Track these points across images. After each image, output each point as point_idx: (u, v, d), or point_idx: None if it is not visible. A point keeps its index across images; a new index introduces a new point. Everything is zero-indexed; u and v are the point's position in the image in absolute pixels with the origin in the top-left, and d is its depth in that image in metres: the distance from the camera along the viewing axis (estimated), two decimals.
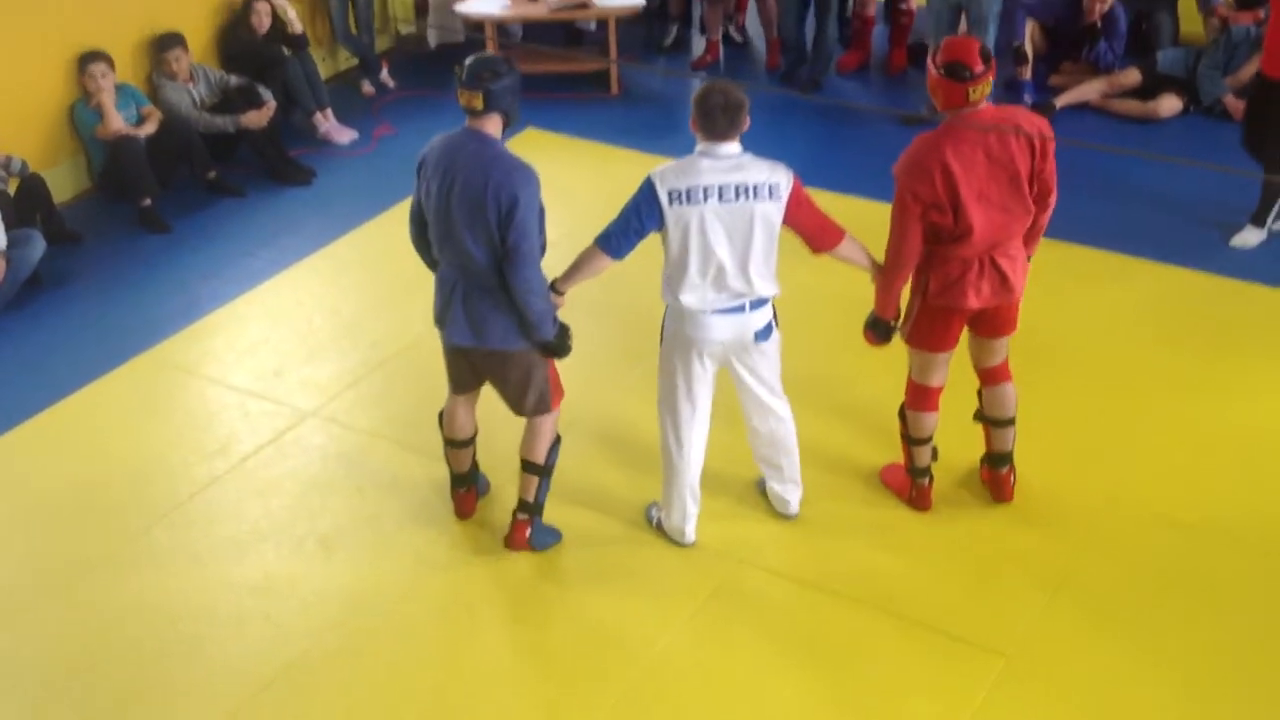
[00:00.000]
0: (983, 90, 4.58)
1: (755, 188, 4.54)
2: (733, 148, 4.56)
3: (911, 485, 5.31)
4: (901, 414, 5.19)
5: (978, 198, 4.61)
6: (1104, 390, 5.96)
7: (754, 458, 5.24)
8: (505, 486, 5.38)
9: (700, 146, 4.58)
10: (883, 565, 5.07)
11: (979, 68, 4.54)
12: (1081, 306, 6.55)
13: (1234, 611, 4.80)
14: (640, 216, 4.59)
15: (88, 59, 7.60)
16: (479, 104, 4.52)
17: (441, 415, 5.20)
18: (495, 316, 4.69)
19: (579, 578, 5.09)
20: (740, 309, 4.70)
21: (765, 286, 4.70)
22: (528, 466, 5.09)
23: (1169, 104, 8.46)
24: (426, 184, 4.63)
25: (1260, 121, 6.90)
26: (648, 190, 4.57)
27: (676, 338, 4.80)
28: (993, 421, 5.24)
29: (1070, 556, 5.06)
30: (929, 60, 4.68)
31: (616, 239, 4.64)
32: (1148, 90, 8.54)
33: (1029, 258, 4.93)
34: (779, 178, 4.58)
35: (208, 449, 5.83)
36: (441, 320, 4.84)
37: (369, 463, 5.72)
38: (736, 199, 4.53)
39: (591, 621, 4.88)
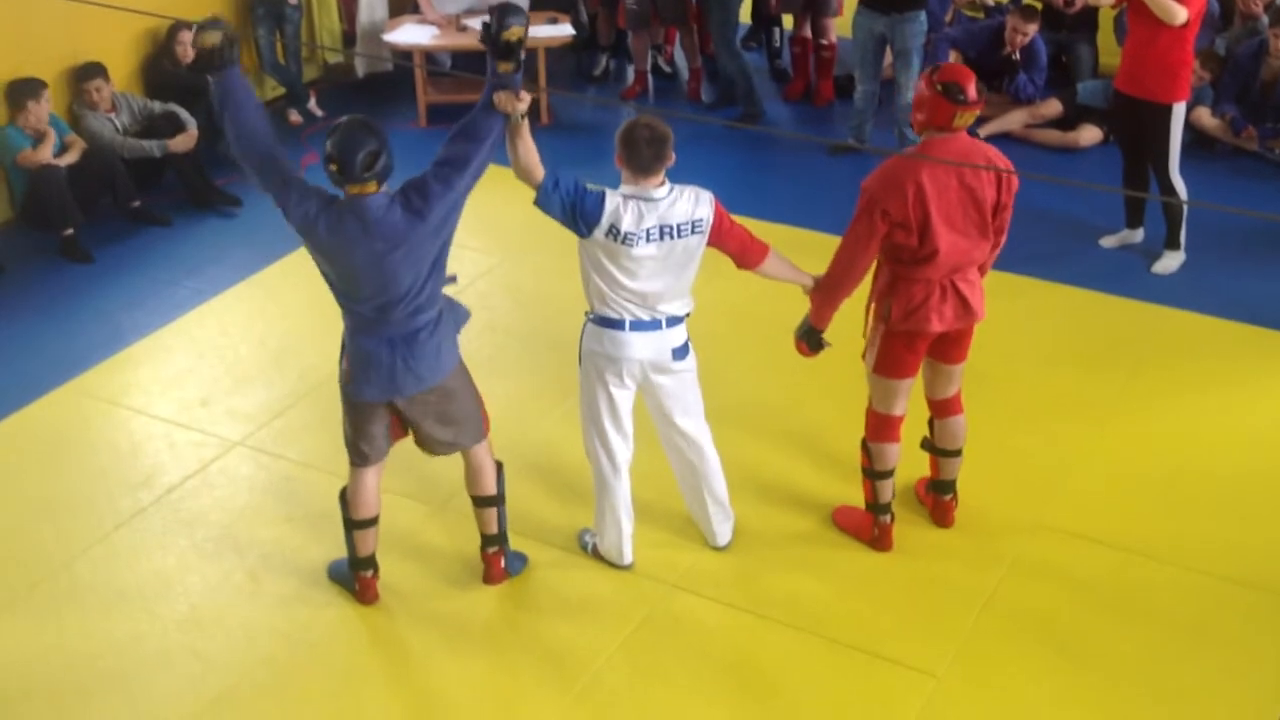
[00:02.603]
0: (967, 119, 4.65)
1: (680, 227, 4.57)
2: (660, 189, 4.56)
3: (874, 524, 5.26)
4: (864, 447, 5.16)
5: (945, 221, 4.66)
6: (1027, 414, 6.04)
7: (680, 489, 5.24)
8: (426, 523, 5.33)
9: (626, 187, 4.58)
10: (814, 590, 5.08)
11: (972, 96, 4.61)
12: (1006, 331, 6.62)
13: (1158, 630, 4.87)
14: (584, 200, 4.50)
15: (26, 86, 7.48)
16: (373, 188, 4.34)
17: (345, 495, 4.93)
18: (436, 344, 4.57)
19: (512, 606, 5.06)
20: (657, 325, 4.72)
21: (680, 305, 4.74)
22: (482, 501, 5.01)
23: (1089, 134, 8.63)
24: (326, 256, 4.43)
25: (1132, 141, 7.12)
26: (598, 198, 4.51)
27: (595, 358, 4.80)
28: (942, 452, 5.28)
29: (998, 578, 5.11)
30: (923, 78, 4.70)
31: (558, 176, 4.52)
32: (1068, 120, 8.72)
33: None
34: (702, 211, 4.60)
35: (132, 480, 5.74)
36: (367, 379, 4.59)
37: (298, 493, 5.66)
38: (662, 239, 4.56)
39: (524, 648, 4.85)
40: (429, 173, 4.41)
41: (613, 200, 4.52)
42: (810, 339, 5.01)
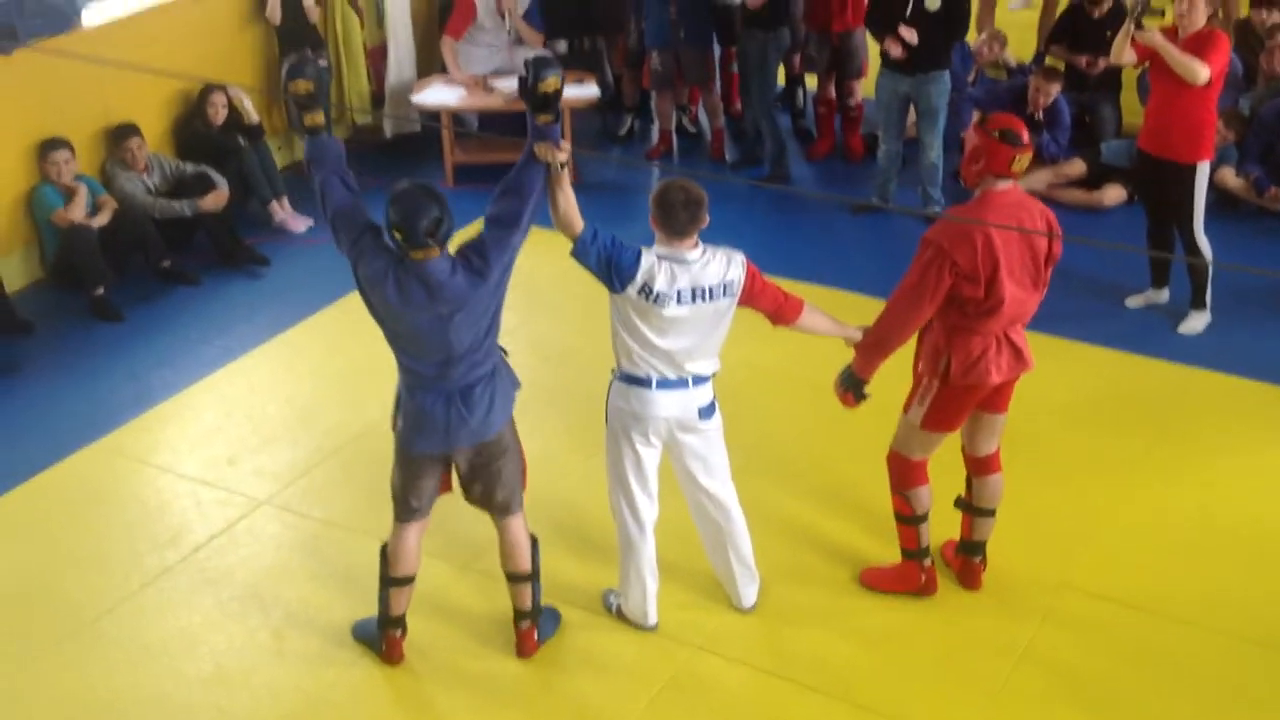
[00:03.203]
0: (1024, 163, 4.70)
1: (712, 289, 4.61)
2: (693, 251, 4.60)
3: (920, 570, 5.24)
4: (900, 496, 5.14)
5: (1009, 272, 4.69)
6: (1053, 474, 6.01)
7: (704, 548, 5.22)
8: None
9: (660, 248, 4.61)
10: (841, 652, 5.06)
11: (1026, 139, 4.67)
12: (1031, 391, 6.58)
13: (1188, 692, 4.84)
14: (620, 256, 4.56)
15: (50, 145, 7.60)
16: (436, 252, 4.40)
17: (385, 552, 4.91)
18: (490, 397, 4.61)
19: (536, 667, 5.04)
20: (684, 383, 4.73)
21: (707, 365, 4.76)
22: (516, 578, 4.99)
23: (1113, 193, 8.63)
24: (391, 316, 4.50)
25: (1156, 201, 7.14)
26: (635, 255, 4.57)
27: (621, 415, 4.81)
28: (978, 511, 5.26)
29: (1026, 640, 5.08)
30: (974, 128, 4.73)
31: (596, 228, 4.61)
32: (1093, 180, 8.72)
33: None
34: (734, 273, 4.64)
35: (159, 539, 5.77)
36: (421, 432, 4.62)
37: (323, 551, 5.67)
38: (694, 301, 4.59)
39: (549, 711, 4.84)
40: (484, 233, 4.48)
41: (648, 258, 4.56)
42: (856, 388, 4.97)
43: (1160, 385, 6.72)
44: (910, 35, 8.01)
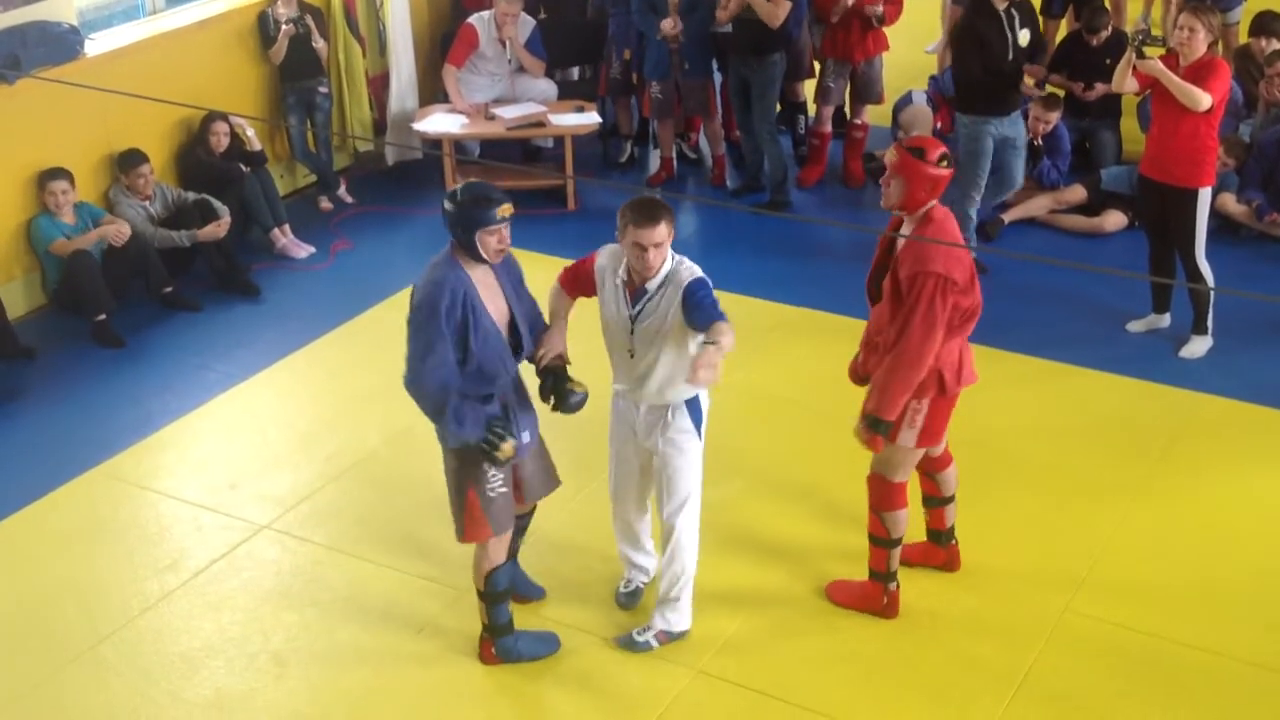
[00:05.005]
0: None
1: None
2: None
3: (884, 592, 5.26)
4: (879, 519, 5.16)
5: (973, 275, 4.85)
6: (1055, 498, 6.00)
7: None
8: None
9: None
10: (840, 675, 5.04)
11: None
12: (1033, 415, 6.62)
13: (1188, 715, 4.81)
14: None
15: (50, 176, 7.63)
16: None
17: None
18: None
19: (536, 690, 5.03)
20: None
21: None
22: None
23: (1114, 219, 8.64)
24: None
25: (1158, 227, 7.16)
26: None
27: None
28: (947, 500, 5.40)
29: (1029, 662, 5.06)
30: (910, 159, 4.76)
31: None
32: (1093, 206, 8.74)
33: None
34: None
35: (159, 564, 5.75)
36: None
37: (324, 577, 5.66)
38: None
39: None
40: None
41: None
42: (884, 430, 4.91)
43: (1162, 409, 6.72)
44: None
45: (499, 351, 4.66)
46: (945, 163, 4.77)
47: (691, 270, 4.67)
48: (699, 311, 4.55)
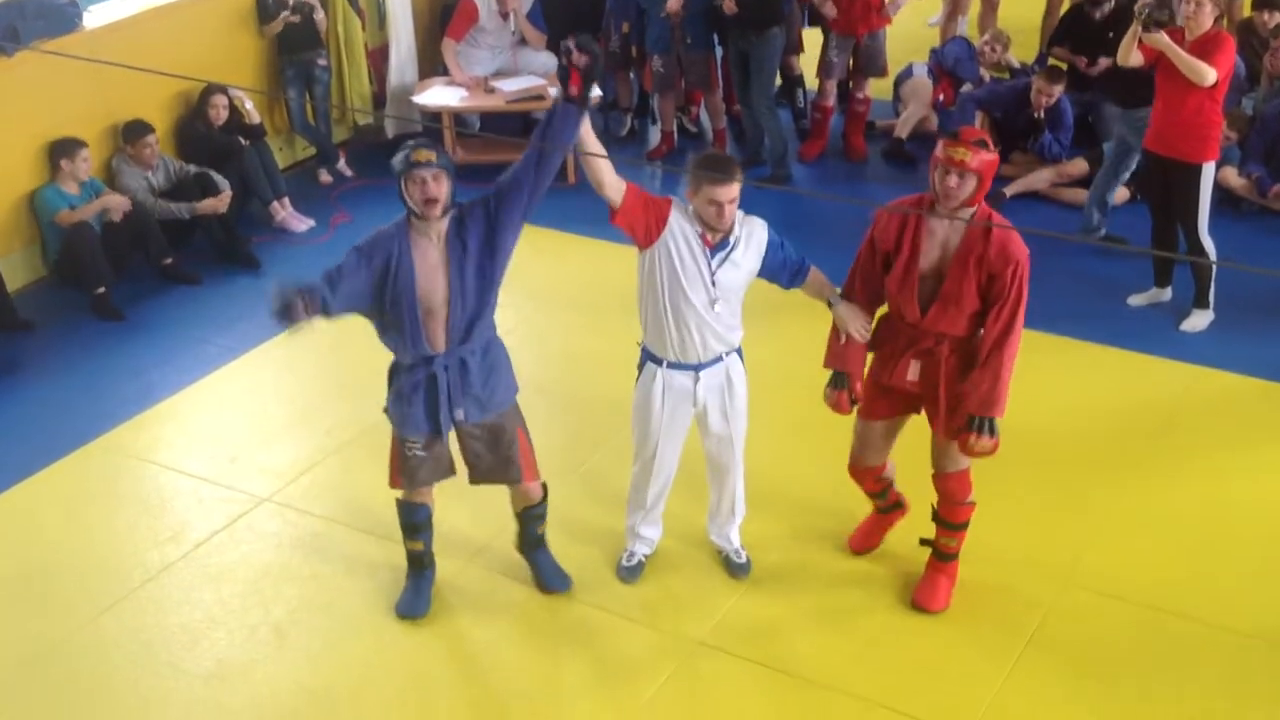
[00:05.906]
0: None
1: None
2: None
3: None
4: (965, 509, 5.17)
5: None
6: (1056, 472, 6.00)
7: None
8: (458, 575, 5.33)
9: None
10: (840, 647, 5.05)
11: None
12: (1034, 389, 6.59)
13: (1190, 689, 4.82)
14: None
15: (73, 145, 7.62)
16: None
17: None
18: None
19: (537, 660, 5.04)
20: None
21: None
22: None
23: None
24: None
25: (1161, 201, 7.14)
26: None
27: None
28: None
29: (1028, 635, 5.07)
30: (976, 150, 4.63)
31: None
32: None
33: None
34: None
35: (160, 536, 5.76)
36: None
37: (324, 549, 5.66)
38: None
39: (550, 706, 4.83)
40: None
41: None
42: (994, 431, 4.91)
43: (1163, 383, 6.71)
44: None
45: (410, 330, 4.67)
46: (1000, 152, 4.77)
47: (753, 221, 4.86)
48: (784, 271, 4.97)
